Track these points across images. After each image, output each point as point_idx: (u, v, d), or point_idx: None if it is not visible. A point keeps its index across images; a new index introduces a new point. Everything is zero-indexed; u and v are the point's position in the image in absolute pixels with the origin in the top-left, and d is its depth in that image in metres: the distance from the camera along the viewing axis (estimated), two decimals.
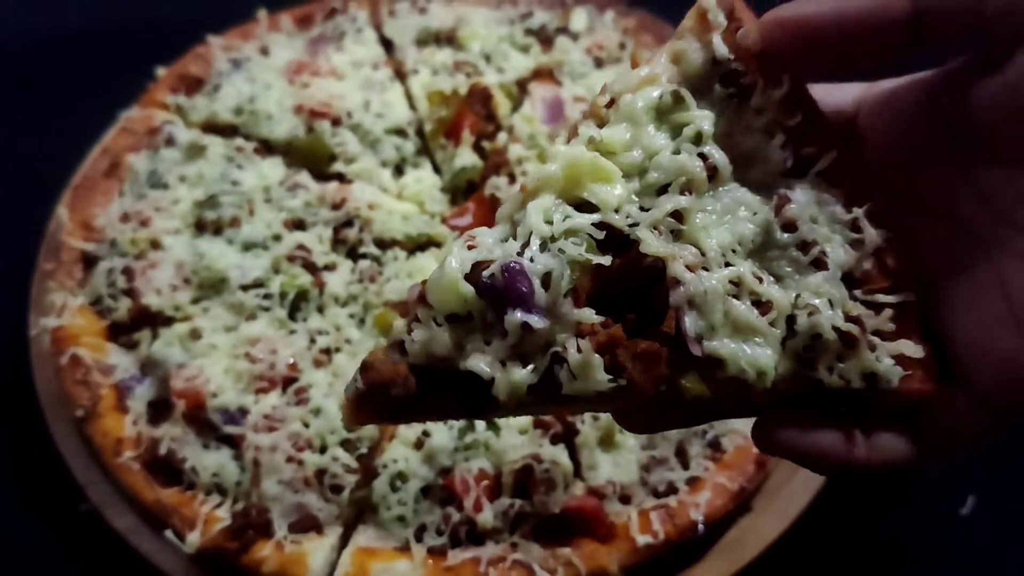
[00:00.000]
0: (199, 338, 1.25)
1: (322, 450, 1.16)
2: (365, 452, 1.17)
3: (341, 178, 1.45)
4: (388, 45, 1.66)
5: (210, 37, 1.60)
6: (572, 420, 1.19)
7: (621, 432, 1.19)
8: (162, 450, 1.16)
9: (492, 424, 1.18)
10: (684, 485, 1.16)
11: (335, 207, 1.38)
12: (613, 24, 1.67)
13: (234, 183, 1.40)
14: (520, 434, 1.17)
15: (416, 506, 1.13)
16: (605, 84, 0.63)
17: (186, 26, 1.60)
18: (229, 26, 1.64)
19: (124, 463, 1.16)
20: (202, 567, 1.12)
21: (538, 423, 1.18)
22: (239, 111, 1.50)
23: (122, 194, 1.43)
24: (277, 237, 1.35)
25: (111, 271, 1.31)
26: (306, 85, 1.51)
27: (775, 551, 1.15)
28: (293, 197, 1.39)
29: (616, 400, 0.58)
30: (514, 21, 1.67)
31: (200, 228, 1.37)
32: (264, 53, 1.61)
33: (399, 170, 1.50)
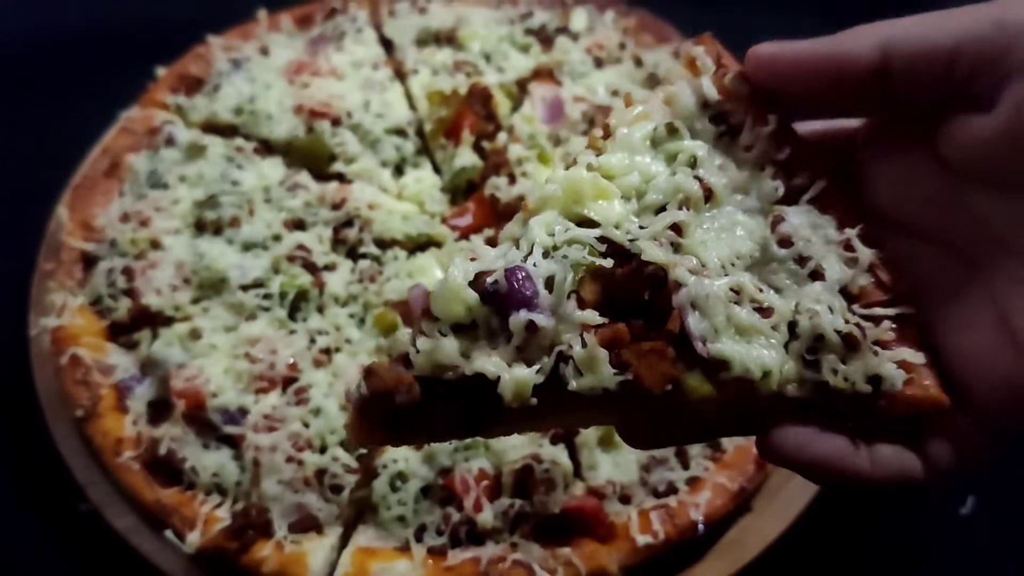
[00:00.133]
0: (199, 338, 1.25)
1: (322, 450, 1.16)
2: (365, 452, 1.17)
3: (341, 178, 1.45)
4: (388, 45, 1.66)
5: (210, 37, 1.60)
6: None
7: None
8: (162, 450, 1.16)
9: None
10: (684, 485, 1.16)
11: (335, 207, 1.38)
12: (613, 24, 1.67)
13: (234, 183, 1.40)
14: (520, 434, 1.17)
15: (416, 506, 1.13)
16: (603, 122, 0.67)
17: (186, 26, 1.60)
18: (229, 26, 1.64)
19: (124, 463, 1.16)
20: (202, 567, 1.12)
21: None
22: (239, 111, 1.50)
23: (122, 194, 1.43)
24: (277, 237, 1.35)
25: (111, 271, 1.31)
26: (306, 85, 1.51)
27: (775, 551, 1.15)
28: (293, 197, 1.39)
29: (621, 404, 0.58)
30: (514, 21, 1.67)
31: (200, 228, 1.37)
32: (264, 53, 1.61)
33: (399, 170, 1.50)
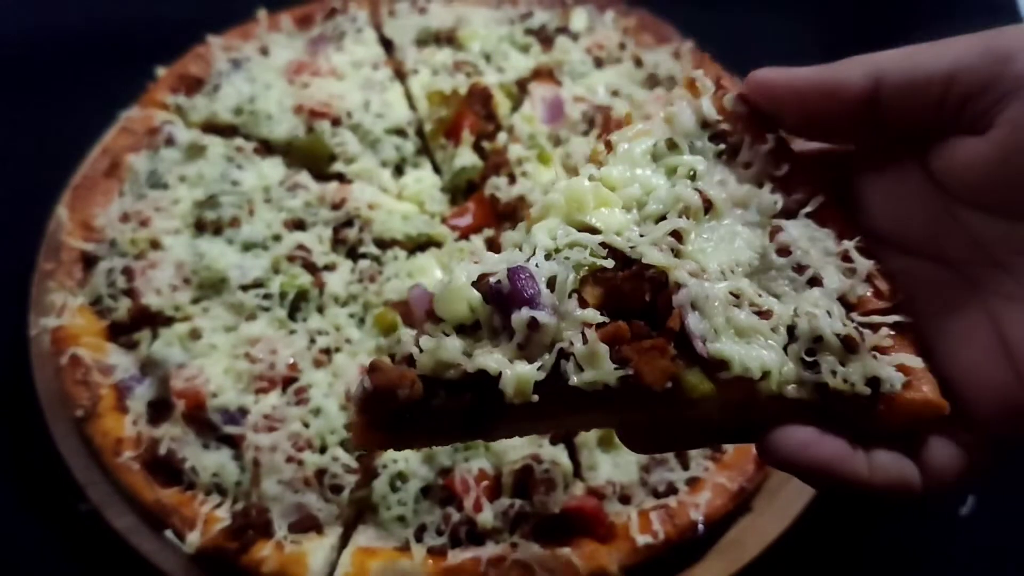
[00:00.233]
0: (199, 338, 1.25)
1: (322, 450, 1.16)
2: (365, 452, 1.17)
3: (341, 178, 1.45)
4: (388, 45, 1.66)
5: (210, 37, 1.60)
6: None
7: None
8: (162, 450, 1.16)
9: None
10: (684, 485, 1.16)
11: (335, 207, 1.38)
12: (613, 24, 1.67)
13: (234, 183, 1.40)
14: None
15: (416, 506, 1.13)
16: (605, 137, 0.69)
17: (186, 26, 1.60)
18: (229, 26, 1.64)
19: (124, 463, 1.16)
20: (202, 567, 1.12)
21: None
22: (239, 111, 1.50)
23: (122, 194, 1.43)
24: (277, 237, 1.35)
25: (111, 271, 1.31)
26: (306, 85, 1.51)
27: (775, 551, 1.15)
28: (293, 197, 1.39)
29: (622, 404, 0.58)
30: (514, 21, 1.67)
31: (200, 228, 1.37)
32: (264, 53, 1.61)
33: (399, 170, 1.50)
